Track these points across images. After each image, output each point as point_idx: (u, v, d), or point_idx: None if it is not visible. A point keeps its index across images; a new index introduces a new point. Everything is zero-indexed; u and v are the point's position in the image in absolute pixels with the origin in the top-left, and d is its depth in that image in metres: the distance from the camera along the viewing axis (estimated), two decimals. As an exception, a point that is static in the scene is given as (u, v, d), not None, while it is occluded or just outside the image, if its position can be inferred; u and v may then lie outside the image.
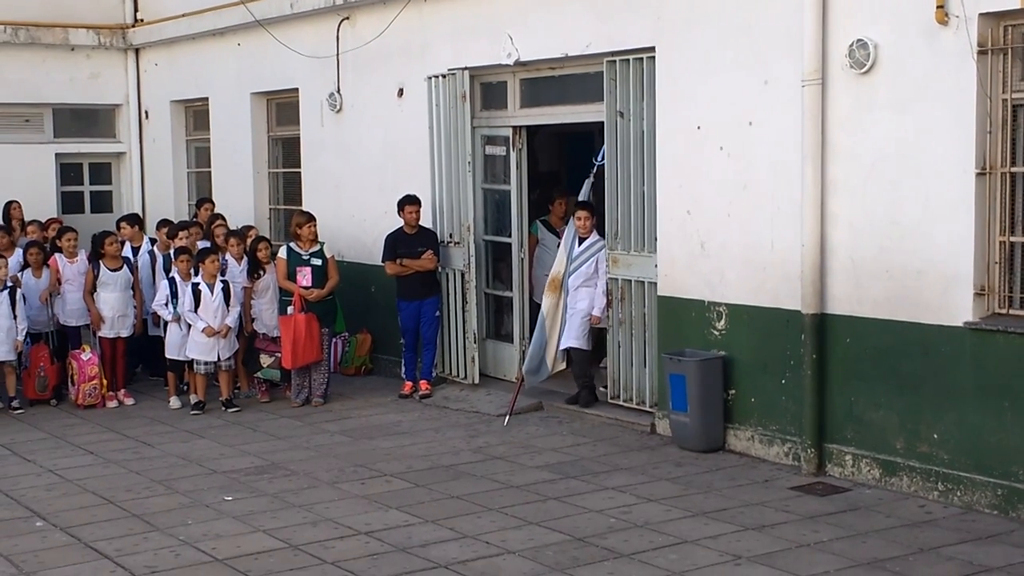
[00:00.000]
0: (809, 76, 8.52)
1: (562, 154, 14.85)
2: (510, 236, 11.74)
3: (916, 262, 8.07)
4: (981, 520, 7.66)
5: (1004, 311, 7.83)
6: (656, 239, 9.97)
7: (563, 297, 10.69)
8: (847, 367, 8.57)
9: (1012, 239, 7.82)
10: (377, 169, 12.89)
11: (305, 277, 11.50)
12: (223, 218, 12.96)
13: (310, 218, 11.82)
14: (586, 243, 10.57)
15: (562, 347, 10.77)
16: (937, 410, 8.05)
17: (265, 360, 11.71)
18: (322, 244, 11.72)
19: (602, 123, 10.46)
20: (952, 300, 7.91)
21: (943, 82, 7.83)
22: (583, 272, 10.58)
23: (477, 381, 11.77)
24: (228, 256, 11.90)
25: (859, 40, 8.23)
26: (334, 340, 12.63)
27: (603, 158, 10.61)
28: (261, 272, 11.75)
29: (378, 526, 7.83)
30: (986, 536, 7.35)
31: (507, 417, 10.73)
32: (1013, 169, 7.76)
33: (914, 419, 8.19)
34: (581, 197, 10.97)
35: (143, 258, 12.57)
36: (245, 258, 11.85)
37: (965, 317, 7.83)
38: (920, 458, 8.17)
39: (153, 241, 12.88)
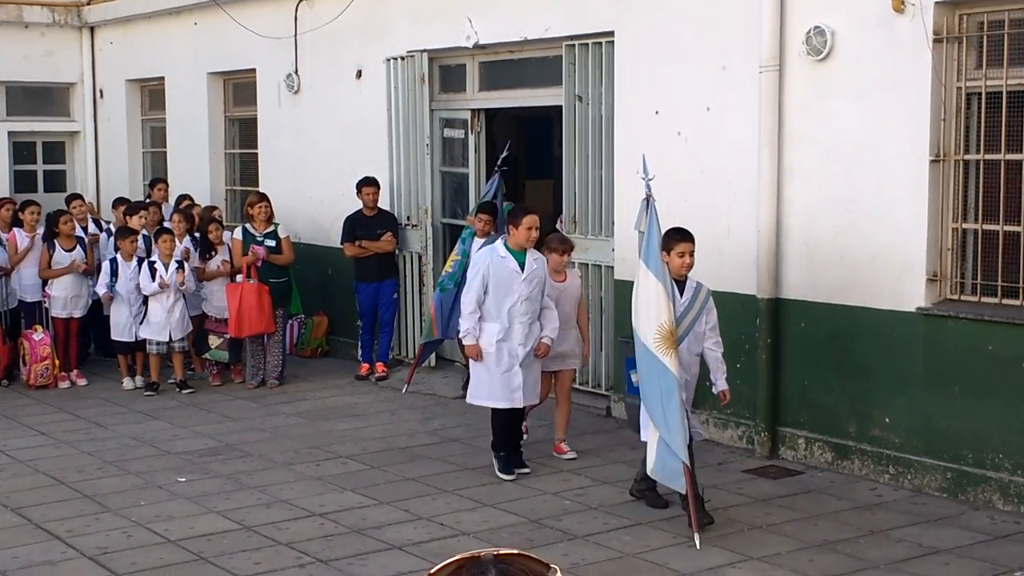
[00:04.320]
0: (767, 62, 8.56)
1: (521, 138, 14.83)
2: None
3: (870, 248, 8.15)
4: (931, 503, 7.76)
5: (956, 297, 7.92)
6: (613, 223, 9.99)
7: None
8: (801, 352, 8.64)
9: (964, 226, 7.90)
10: (335, 151, 12.83)
11: (259, 260, 11.44)
12: (220, 221, 12.67)
13: (262, 198, 11.77)
14: (689, 290, 7.51)
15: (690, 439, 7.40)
16: (889, 394, 8.14)
17: (213, 341, 11.64)
18: (276, 225, 11.66)
19: (561, 107, 10.46)
20: (905, 286, 7.99)
21: (899, 70, 7.89)
22: (696, 333, 7.49)
23: (434, 364, 11.75)
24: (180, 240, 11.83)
25: (816, 27, 8.27)
26: (290, 322, 12.58)
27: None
28: (212, 253, 11.66)
29: (332, 507, 7.82)
30: (935, 519, 7.45)
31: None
32: (967, 157, 7.83)
33: (866, 403, 8.28)
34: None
35: (101, 236, 12.55)
36: (188, 236, 11.75)
37: (917, 303, 7.92)
38: (872, 441, 8.26)
39: (97, 223, 12.83)
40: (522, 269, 8.31)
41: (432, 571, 1.90)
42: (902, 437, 8.09)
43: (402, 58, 11.82)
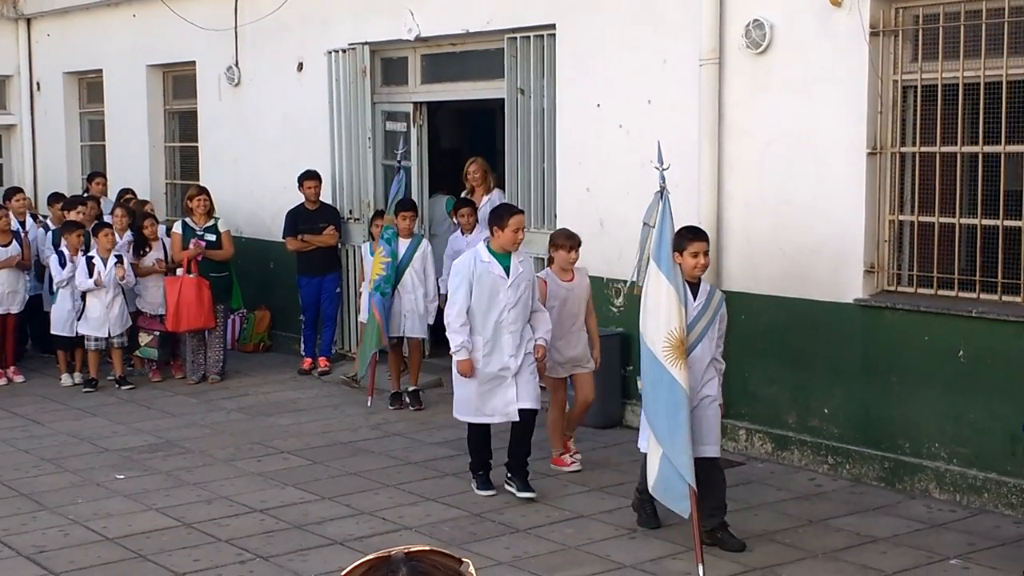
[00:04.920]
0: (706, 55, 8.60)
1: (464, 131, 14.80)
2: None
3: (809, 240, 8.21)
4: (869, 492, 7.84)
5: (893, 288, 8.00)
6: (556, 216, 9.99)
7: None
8: (742, 344, 8.69)
9: (901, 218, 7.99)
10: (276, 144, 12.73)
11: (201, 252, 11.34)
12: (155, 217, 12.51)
13: (202, 191, 11.67)
14: (703, 294, 6.93)
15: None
16: (827, 385, 8.21)
17: (144, 338, 11.51)
18: (217, 219, 11.56)
19: (503, 100, 10.44)
20: (843, 277, 8.06)
21: (836, 63, 7.96)
22: (710, 339, 6.93)
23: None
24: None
25: (755, 20, 8.32)
26: (232, 317, 12.49)
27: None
28: (147, 249, 11.53)
29: (274, 503, 7.76)
30: (873, 508, 7.53)
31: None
32: (903, 149, 7.92)
33: (805, 394, 8.35)
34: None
35: (38, 232, 12.36)
36: (129, 231, 11.60)
37: (855, 294, 7.99)
38: (811, 432, 8.33)
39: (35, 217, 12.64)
40: (508, 274, 7.66)
41: (344, 572, 1.88)
42: (841, 427, 8.17)
43: (343, 51, 11.75)
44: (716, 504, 6.82)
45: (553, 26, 9.81)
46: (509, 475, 7.83)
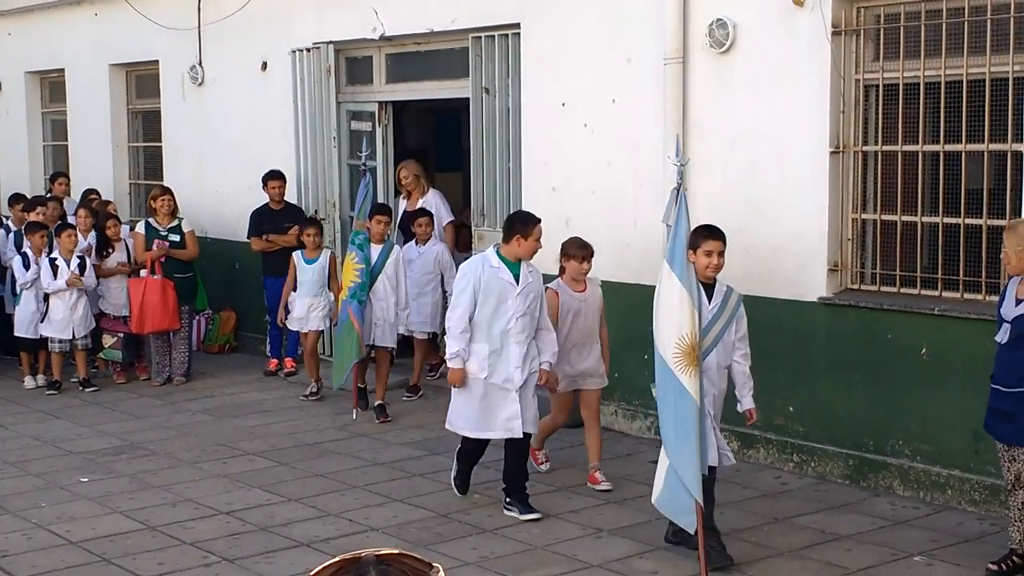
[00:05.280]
0: (671, 55, 8.62)
1: (430, 130, 14.79)
2: (376, 212, 11.64)
3: (773, 239, 8.25)
4: (834, 490, 7.89)
5: (856, 286, 8.05)
6: (521, 216, 9.99)
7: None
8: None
9: (864, 216, 8.04)
10: (241, 144, 12.67)
11: (164, 254, 11.27)
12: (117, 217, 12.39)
13: (165, 191, 11.60)
14: (718, 295, 6.69)
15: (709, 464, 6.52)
16: (792, 383, 8.25)
17: (107, 340, 11.43)
18: (180, 219, 11.50)
19: (468, 99, 10.43)
20: (807, 276, 8.10)
21: (799, 62, 7.99)
22: (726, 343, 6.72)
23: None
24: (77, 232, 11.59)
25: (719, 20, 8.35)
26: (197, 318, 12.43)
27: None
28: (110, 250, 11.44)
29: (239, 505, 7.73)
30: (838, 505, 7.57)
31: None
32: (865, 148, 7.97)
33: (770, 392, 8.37)
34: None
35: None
36: (93, 232, 11.51)
37: (819, 292, 8.04)
38: (776, 430, 8.37)
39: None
40: (517, 281, 7.33)
41: (312, 573, 1.88)
42: (806, 426, 8.21)
43: (308, 50, 11.70)
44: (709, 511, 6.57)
45: (518, 25, 9.81)
46: (508, 500, 7.47)
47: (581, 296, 7.87)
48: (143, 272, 11.19)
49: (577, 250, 7.85)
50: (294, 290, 10.76)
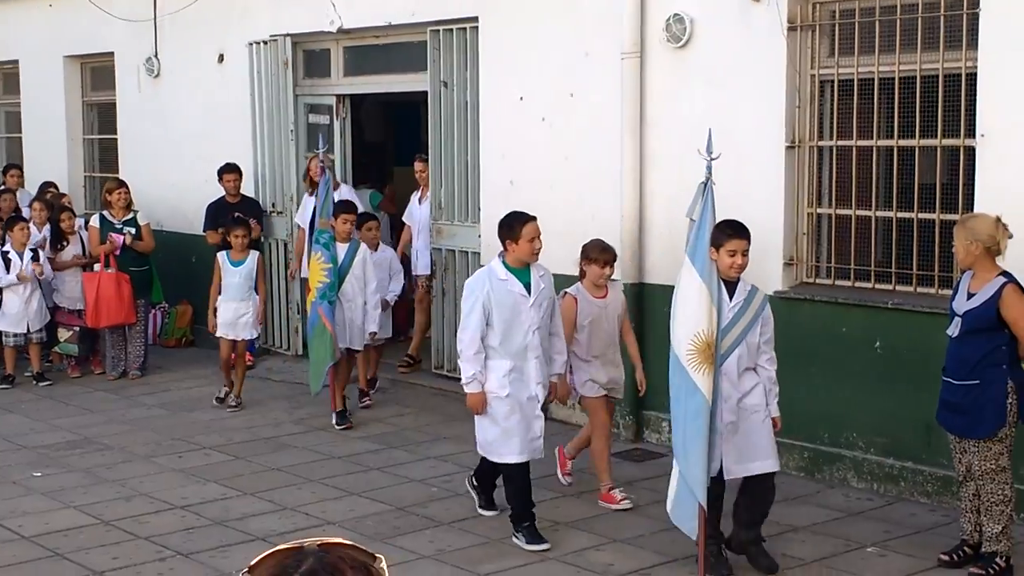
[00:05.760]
0: (628, 49, 8.65)
1: (388, 124, 14.76)
2: (334, 206, 11.60)
3: (729, 233, 8.27)
4: (789, 482, 7.92)
5: (811, 280, 8.11)
6: (479, 209, 10.00)
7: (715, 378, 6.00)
8: (665, 336, 8.70)
9: (819, 211, 8.10)
10: (197, 136, 12.58)
11: (117, 249, 11.18)
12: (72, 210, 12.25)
13: (120, 184, 11.50)
14: (740, 293, 6.38)
15: (734, 474, 6.40)
16: (748, 376, 8.29)
17: (63, 334, 11.32)
18: (136, 212, 11.41)
19: (427, 93, 10.41)
20: (763, 270, 8.12)
21: (755, 57, 8.04)
22: (749, 344, 6.39)
23: (300, 352, 11.63)
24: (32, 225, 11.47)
25: (676, 15, 8.38)
26: (153, 311, 12.34)
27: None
28: (64, 243, 11.33)
29: (195, 500, 7.68)
30: (793, 497, 7.62)
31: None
32: (820, 143, 8.03)
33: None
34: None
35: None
36: (48, 225, 11.40)
37: (775, 286, 8.08)
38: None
39: None
40: (529, 291, 6.81)
41: (252, 562, 1.87)
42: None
43: (265, 42, 11.64)
44: (755, 519, 6.41)
45: (476, 19, 9.80)
46: (517, 532, 6.87)
47: (601, 302, 7.42)
48: (97, 266, 11.10)
49: (599, 254, 7.39)
50: (220, 293, 10.15)
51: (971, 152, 7.17)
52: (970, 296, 6.23)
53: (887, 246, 7.83)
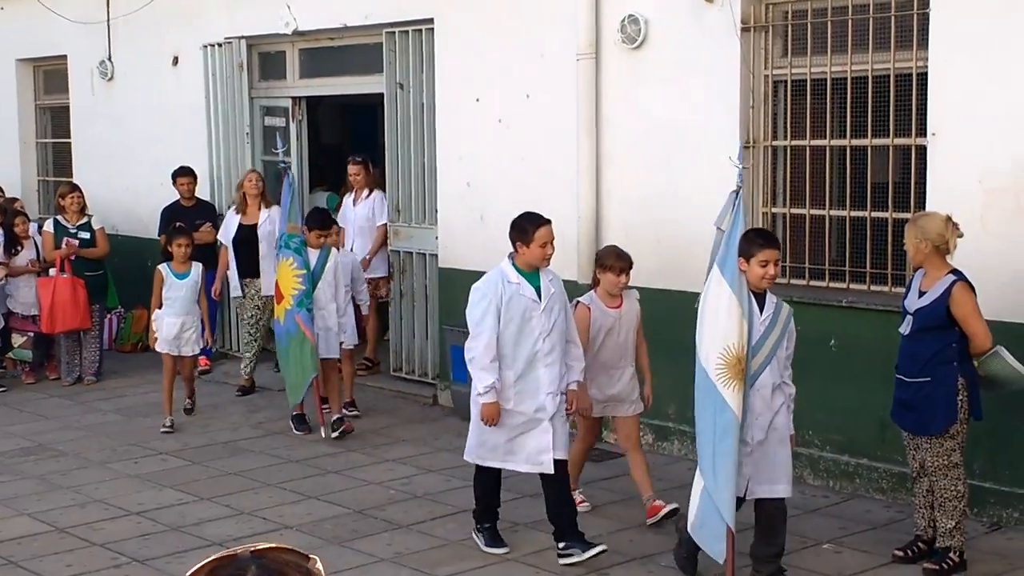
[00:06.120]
0: (583, 50, 8.67)
1: (345, 126, 14.71)
2: (291, 208, 11.54)
3: (685, 233, 8.32)
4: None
5: (767, 279, 8.14)
6: (436, 211, 9.99)
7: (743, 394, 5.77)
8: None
9: (774, 210, 8.15)
10: (152, 140, 12.49)
11: (74, 252, 11.07)
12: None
13: (74, 188, 11.41)
14: (769, 306, 6.13)
15: (755, 495, 6.13)
16: (705, 376, 8.32)
17: (17, 339, 11.20)
18: (90, 216, 11.31)
19: (383, 95, 10.39)
20: (719, 269, 8.17)
21: (710, 58, 8.08)
22: (779, 359, 6.13)
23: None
24: None
25: (630, 15, 8.41)
26: (109, 316, 12.23)
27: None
28: (18, 248, 11.20)
29: (151, 505, 7.63)
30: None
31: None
32: (774, 143, 8.08)
33: (684, 385, 8.36)
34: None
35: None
36: (0, 230, 11.27)
37: (731, 285, 8.11)
38: (690, 423, 8.36)
39: None
40: (540, 296, 6.50)
41: (189, 573, 1.86)
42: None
43: (219, 45, 11.57)
44: (775, 551, 6.15)
45: (432, 20, 9.80)
46: (563, 545, 6.56)
47: (616, 312, 7.04)
48: (52, 271, 10.99)
49: (614, 261, 7.01)
50: (159, 307, 9.55)
51: (922, 151, 7.24)
52: (921, 294, 6.29)
53: (841, 245, 7.89)
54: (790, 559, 6.56)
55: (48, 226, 11.24)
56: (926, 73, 7.15)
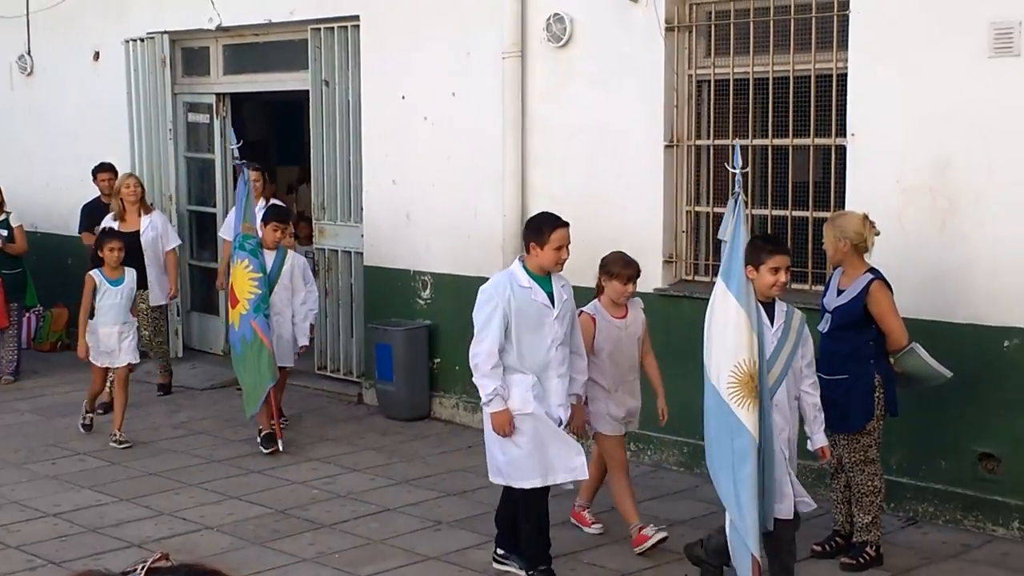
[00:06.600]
0: (509, 49, 8.66)
1: (271, 123, 14.59)
2: (214, 206, 11.42)
3: (610, 231, 8.34)
4: (669, 477, 8.04)
5: (690, 278, 8.22)
6: (362, 209, 9.93)
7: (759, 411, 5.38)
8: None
9: (697, 209, 8.20)
10: (73, 136, 12.29)
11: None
12: None
13: (-10, 184, 11.18)
14: (780, 315, 5.85)
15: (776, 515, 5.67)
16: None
17: None
18: (8, 213, 11.10)
19: (308, 91, 10.31)
20: (643, 267, 8.15)
21: (635, 57, 8.11)
22: (794, 371, 5.86)
23: (181, 355, 11.44)
24: None
25: (556, 14, 8.42)
26: (27, 315, 12.01)
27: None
28: None
29: (68, 507, 7.50)
30: (673, 492, 7.72)
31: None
32: (698, 142, 8.13)
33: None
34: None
35: None
36: None
37: (655, 284, 8.17)
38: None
39: None
40: (553, 302, 6.12)
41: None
42: (642, 414, 8.29)
43: (142, 40, 11.41)
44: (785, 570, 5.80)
45: (357, 17, 9.74)
46: (502, 552, 6.42)
47: (621, 323, 6.64)
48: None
49: (621, 268, 6.59)
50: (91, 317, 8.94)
51: (842, 151, 7.33)
52: (840, 292, 6.36)
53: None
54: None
55: (-37, 224, 11.01)
56: (846, 74, 7.24)
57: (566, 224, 6.16)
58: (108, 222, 10.01)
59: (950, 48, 6.77)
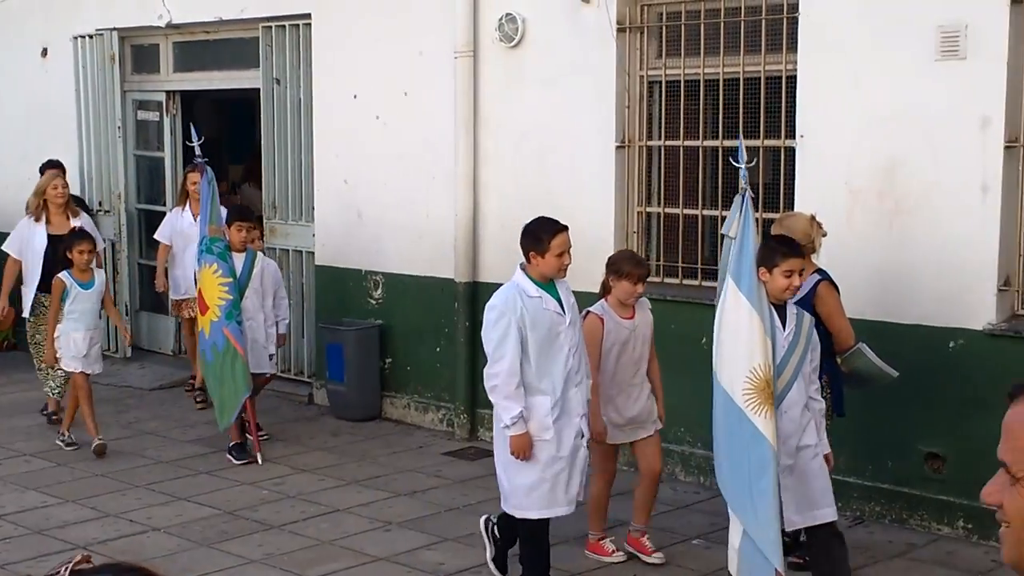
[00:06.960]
0: (461, 48, 8.65)
1: (221, 121, 14.46)
2: (164, 205, 11.33)
3: (562, 231, 8.34)
4: (620, 477, 7.91)
5: (641, 278, 8.22)
6: (314, 208, 9.88)
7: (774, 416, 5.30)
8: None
9: (649, 209, 8.23)
10: (20, 133, 12.14)
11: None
12: None
13: (-68, 183, 11.00)
14: (791, 318, 5.62)
15: (797, 525, 5.76)
16: (581, 374, 8.37)
17: None
18: (-47, 211, 10.95)
19: (259, 90, 10.24)
20: (595, 268, 8.13)
21: (586, 58, 8.12)
22: (804, 375, 5.63)
23: (130, 355, 11.33)
24: None
25: (508, 14, 8.42)
26: (-28, 315, 11.82)
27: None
28: None
29: (12, 508, 7.40)
30: (622, 492, 7.63)
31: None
32: (650, 143, 8.15)
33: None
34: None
35: None
36: None
37: (606, 284, 8.17)
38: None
39: None
40: (563, 309, 5.85)
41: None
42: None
43: (90, 36, 11.29)
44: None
45: (309, 16, 9.69)
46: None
47: (629, 324, 6.35)
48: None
49: (631, 267, 6.33)
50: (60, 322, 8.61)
51: (791, 152, 7.37)
52: (788, 292, 6.38)
53: (714, 244, 7.99)
54: (666, 554, 6.62)
55: (-92, 221, 10.82)
56: (795, 76, 7.28)
57: (565, 228, 5.89)
58: (26, 225, 9.56)
59: (897, 51, 6.83)
